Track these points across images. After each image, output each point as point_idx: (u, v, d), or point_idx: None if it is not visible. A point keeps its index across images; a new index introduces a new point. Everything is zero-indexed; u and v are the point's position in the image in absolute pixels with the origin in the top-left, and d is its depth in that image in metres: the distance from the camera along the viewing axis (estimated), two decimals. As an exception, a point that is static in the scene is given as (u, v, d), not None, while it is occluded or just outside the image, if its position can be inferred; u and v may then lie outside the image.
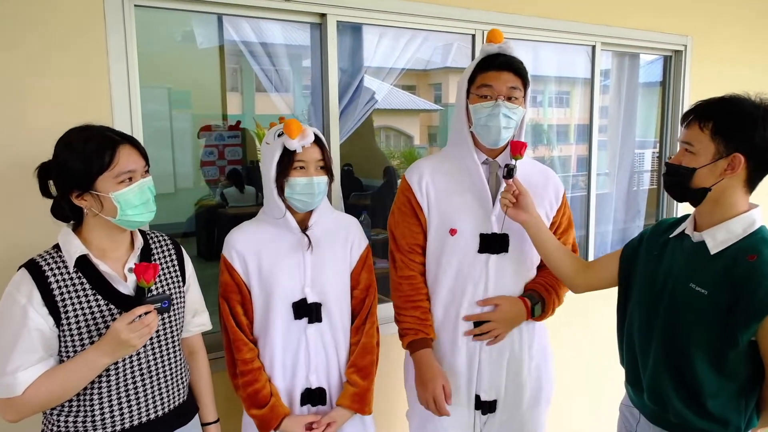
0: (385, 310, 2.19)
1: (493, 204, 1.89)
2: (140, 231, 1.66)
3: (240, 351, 1.84)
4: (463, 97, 1.89)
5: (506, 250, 1.90)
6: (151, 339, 1.59)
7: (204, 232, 4.33)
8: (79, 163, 1.44)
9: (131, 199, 1.49)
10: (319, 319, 1.87)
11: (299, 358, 1.87)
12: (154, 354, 1.61)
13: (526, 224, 1.83)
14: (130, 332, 1.39)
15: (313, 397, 1.90)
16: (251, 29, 2.61)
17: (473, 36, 2.80)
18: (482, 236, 1.89)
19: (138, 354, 1.57)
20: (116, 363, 1.52)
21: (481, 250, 1.89)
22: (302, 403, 1.89)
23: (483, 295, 1.91)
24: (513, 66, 1.83)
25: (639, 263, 1.73)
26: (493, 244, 1.89)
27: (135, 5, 2.01)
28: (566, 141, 4.05)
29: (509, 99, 1.81)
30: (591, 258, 3.51)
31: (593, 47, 3.31)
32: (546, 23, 2.99)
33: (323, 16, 2.37)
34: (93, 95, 1.94)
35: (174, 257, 1.72)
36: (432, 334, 1.94)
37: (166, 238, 1.74)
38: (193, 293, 1.78)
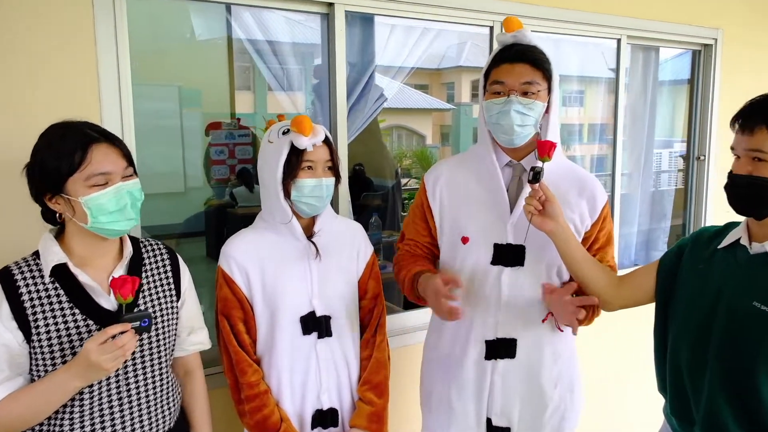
0: (393, 322, 2.03)
1: (512, 211, 1.71)
2: (131, 238, 1.51)
3: (245, 374, 1.68)
4: (482, 95, 1.74)
5: (521, 264, 1.71)
6: (133, 359, 1.43)
7: (213, 232, 4.23)
8: (50, 163, 1.31)
9: (104, 205, 1.33)
10: (329, 334, 1.74)
11: (309, 377, 1.73)
12: (136, 376, 1.45)
13: (552, 234, 1.61)
14: (101, 354, 1.23)
15: (325, 419, 1.75)
16: (261, 26, 2.45)
17: (491, 28, 2.63)
18: (496, 246, 1.71)
19: (117, 376, 1.41)
20: (91, 385, 1.36)
21: (494, 262, 1.71)
22: (313, 426, 1.75)
23: (495, 311, 1.73)
24: (528, 56, 1.64)
25: (681, 278, 1.55)
26: (506, 255, 1.71)
27: (127, -5, 1.87)
28: (581, 140, 3.90)
29: (525, 94, 1.63)
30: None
31: (618, 41, 3.13)
32: (569, 15, 2.81)
33: (331, 5, 2.22)
34: (81, 89, 1.79)
35: (168, 268, 1.56)
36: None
37: (161, 246, 1.59)
38: (189, 308, 1.62)
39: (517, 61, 1.64)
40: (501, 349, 1.74)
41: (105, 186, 1.33)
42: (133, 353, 1.42)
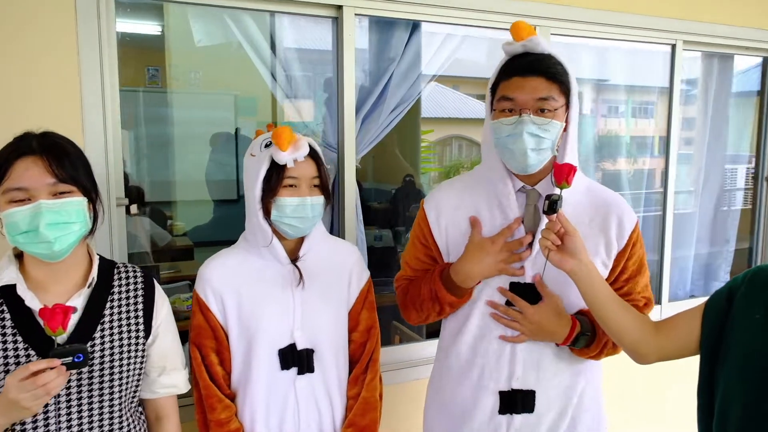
0: (391, 354, 1.83)
1: (530, 245, 1.48)
2: (106, 261, 1.39)
3: (213, 410, 1.52)
4: (488, 112, 1.51)
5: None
6: (78, 398, 1.29)
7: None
8: None
9: (17, 223, 1.19)
10: (310, 369, 1.56)
11: (286, 415, 1.56)
12: (80, 419, 1.29)
13: (573, 274, 1.37)
14: (20, 392, 1.10)
15: None
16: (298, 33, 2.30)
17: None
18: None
19: (56, 415, 1.27)
20: (23, 423, 1.23)
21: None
22: None
23: (510, 358, 1.51)
24: (543, 68, 1.39)
25: (733, 328, 1.28)
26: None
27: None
28: (651, 154, 3.57)
29: (539, 112, 1.39)
30: (664, 292, 3.01)
31: (673, 46, 2.84)
32: (617, 18, 2.57)
33: (339, 8, 2.06)
34: (61, 99, 1.71)
35: (140, 300, 1.40)
36: None
37: (138, 273, 1.43)
38: (162, 346, 1.45)
39: (530, 74, 1.39)
40: (517, 402, 1.51)
41: (25, 202, 1.20)
42: (79, 392, 1.28)
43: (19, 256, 1.31)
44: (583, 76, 3.04)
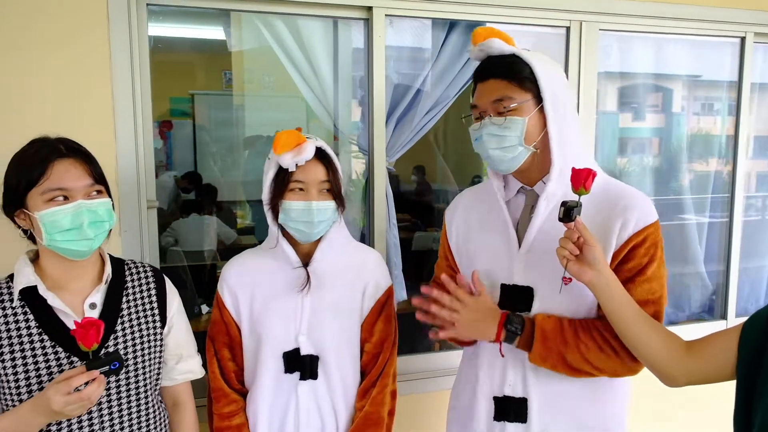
0: (411, 363, 1.78)
1: (520, 245, 1.42)
2: (115, 260, 1.45)
3: (218, 402, 1.57)
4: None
5: (528, 309, 1.41)
6: (109, 391, 1.35)
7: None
8: (13, 177, 1.28)
9: (59, 221, 1.26)
10: (313, 376, 1.56)
11: (287, 419, 1.56)
12: (110, 409, 1.37)
13: (592, 286, 1.29)
14: (65, 405, 1.16)
15: None
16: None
17: (567, 29, 2.30)
18: (503, 287, 1.44)
19: (90, 414, 1.34)
20: (60, 422, 1.30)
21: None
22: None
23: (502, 364, 1.45)
24: (497, 69, 1.38)
25: None
26: (512, 298, 1.42)
27: (147, 4, 1.83)
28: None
29: (499, 114, 1.36)
30: (730, 306, 2.79)
31: (743, 39, 2.63)
32: (675, 10, 2.40)
33: (369, 9, 2.04)
34: (94, 102, 1.77)
35: (153, 293, 1.48)
36: None
37: (147, 268, 1.50)
38: (177, 335, 1.52)
39: (485, 78, 1.40)
40: (510, 409, 1.45)
41: (64, 202, 1.27)
42: (108, 386, 1.35)
43: (32, 258, 1.37)
44: (669, 71, 2.87)
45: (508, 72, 1.37)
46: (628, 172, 2.96)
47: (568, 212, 1.25)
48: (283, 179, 1.48)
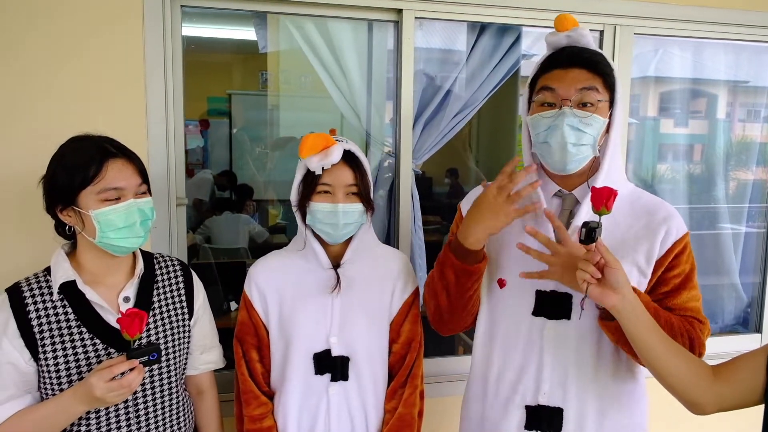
0: (435, 366, 1.78)
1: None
2: (145, 254, 1.49)
3: (248, 405, 1.57)
4: (525, 109, 1.43)
5: (567, 317, 1.38)
6: (142, 384, 1.40)
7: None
8: (64, 175, 1.31)
9: (114, 220, 1.31)
10: (345, 377, 1.56)
11: (318, 422, 1.57)
12: (145, 397, 1.42)
13: (615, 311, 1.22)
14: (107, 392, 1.21)
15: None
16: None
17: (601, 32, 2.27)
18: (539, 294, 1.40)
19: (125, 401, 1.39)
20: (97, 409, 1.35)
21: (537, 312, 1.40)
22: None
23: (536, 372, 1.42)
24: (586, 59, 1.32)
25: None
26: (549, 305, 1.39)
27: (182, 5, 1.87)
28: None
29: (581, 106, 1.31)
30: (766, 320, 2.70)
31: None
32: (713, 14, 2.35)
33: (399, 11, 2.04)
34: (127, 101, 1.81)
35: (182, 285, 1.52)
36: None
37: (175, 262, 1.55)
38: (203, 326, 1.58)
39: (572, 66, 1.32)
40: (543, 419, 1.42)
41: (117, 201, 1.32)
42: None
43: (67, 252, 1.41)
44: (715, 77, 2.82)
45: (596, 66, 1.33)
46: (666, 178, 2.91)
47: (590, 233, 1.18)
48: (310, 182, 1.49)
